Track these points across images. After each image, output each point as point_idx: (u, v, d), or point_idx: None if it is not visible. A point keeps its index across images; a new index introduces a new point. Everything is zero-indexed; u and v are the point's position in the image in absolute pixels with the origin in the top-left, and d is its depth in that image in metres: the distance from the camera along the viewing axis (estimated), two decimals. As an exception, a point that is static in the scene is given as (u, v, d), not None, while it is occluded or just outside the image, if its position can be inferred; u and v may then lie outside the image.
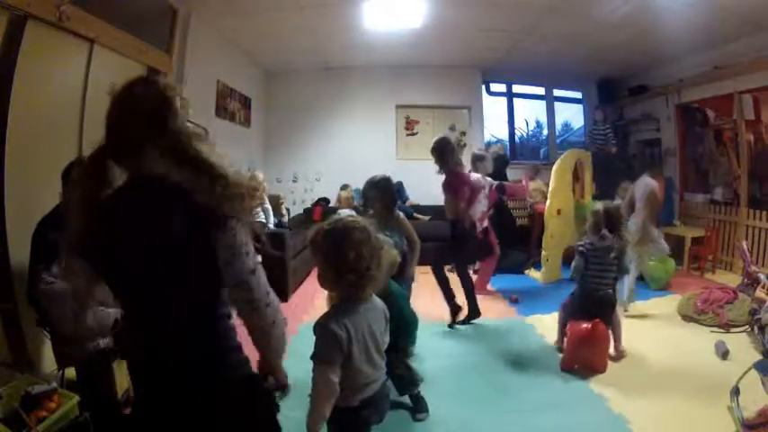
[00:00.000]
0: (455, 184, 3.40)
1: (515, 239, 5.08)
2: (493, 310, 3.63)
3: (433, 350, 2.90)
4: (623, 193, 4.52)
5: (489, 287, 4.35)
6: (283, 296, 4.02)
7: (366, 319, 1.25)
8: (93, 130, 2.96)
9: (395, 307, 1.56)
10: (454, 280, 4.78)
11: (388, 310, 1.36)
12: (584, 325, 2.51)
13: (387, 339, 1.37)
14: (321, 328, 1.20)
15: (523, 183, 5.23)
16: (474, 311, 3.37)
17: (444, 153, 3.38)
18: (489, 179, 4.33)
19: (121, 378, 2.16)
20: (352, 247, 1.19)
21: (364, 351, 1.23)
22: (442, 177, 3.72)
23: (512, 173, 5.72)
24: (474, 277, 3.85)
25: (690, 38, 4.63)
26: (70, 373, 2.08)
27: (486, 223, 4.15)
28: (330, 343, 1.17)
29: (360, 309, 1.25)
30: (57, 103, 2.72)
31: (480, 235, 4.14)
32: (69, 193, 1.03)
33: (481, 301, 3.45)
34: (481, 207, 4.09)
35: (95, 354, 1.94)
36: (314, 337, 1.21)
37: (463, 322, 3.34)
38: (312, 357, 1.19)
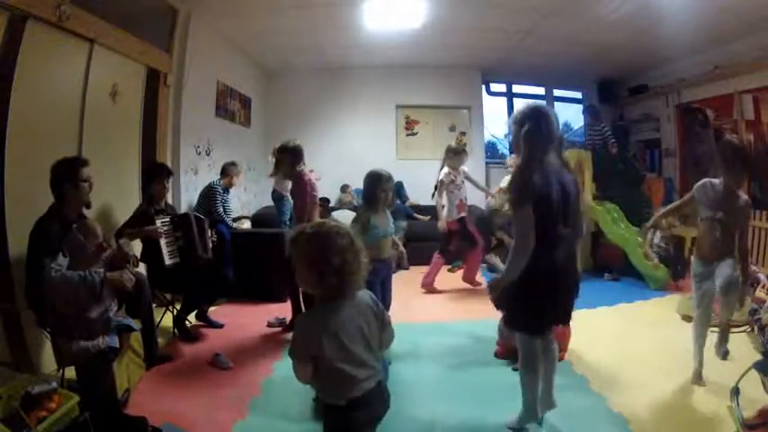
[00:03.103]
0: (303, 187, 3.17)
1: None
2: (492, 309, 3.62)
3: (434, 350, 2.90)
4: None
5: (479, 278, 4.37)
6: (283, 296, 4.02)
7: (345, 318, 1.25)
8: (93, 130, 3.01)
9: None
10: (454, 278, 4.82)
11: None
12: None
13: (385, 337, 1.37)
14: (296, 327, 1.29)
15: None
16: None
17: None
18: (465, 169, 4.38)
19: (121, 378, 2.17)
20: (337, 253, 1.21)
21: (344, 350, 1.23)
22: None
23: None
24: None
25: (690, 38, 4.63)
26: (70, 373, 2.08)
27: (463, 213, 4.19)
28: (300, 343, 1.24)
29: (341, 308, 1.26)
30: (57, 103, 2.73)
31: (455, 226, 4.19)
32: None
33: (478, 296, 3.46)
34: (459, 195, 4.14)
35: (95, 354, 1.94)
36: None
37: None
38: (289, 352, 1.27)
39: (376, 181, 2.71)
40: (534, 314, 1.81)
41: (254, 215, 5.29)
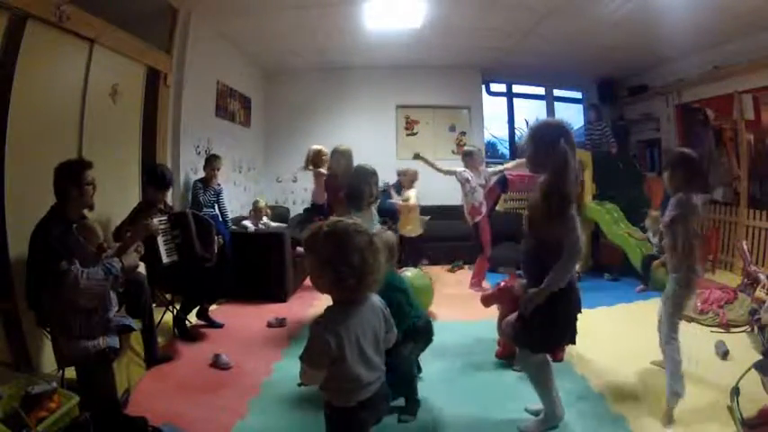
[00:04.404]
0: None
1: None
2: (492, 309, 3.62)
3: (436, 350, 2.89)
4: (654, 225, 3.94)
5: (485, 284, 4.36)
6: (283, 296, 4.03)
7: (362, 320, 1.24)
8: (93, 130, 3.01)
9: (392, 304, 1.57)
10: (454, 278, 4.82)
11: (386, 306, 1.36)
12: None
13: (391, 338, 1.36)
14: (313, 331, 1.21)
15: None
16: None
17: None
18: (487, 170, 4.35)
19: (121, 378, 2.16)
20: (356, 250, 1.17)
21: (359, 354, 1.21)
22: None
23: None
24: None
25: (690, 38, 4.63)
26: (70, 373, 2.08)
27: (478, 218, 4.17)
28: (318, 349, 1.18)
29: (356, 311, 1.24)
30: (57, 103, 2.73)
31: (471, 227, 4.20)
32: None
33: (479, 296, 3.45)
34: (471, 199, 4.11)
35: (95, 354, 1.94)
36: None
37: None
38: (300, 357, 1.21)
39: (361, 175, 2.64)
40: (567, 327, 1.85)
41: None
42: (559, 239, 1.71)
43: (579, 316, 1.91)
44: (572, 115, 7.68)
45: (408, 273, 3.40)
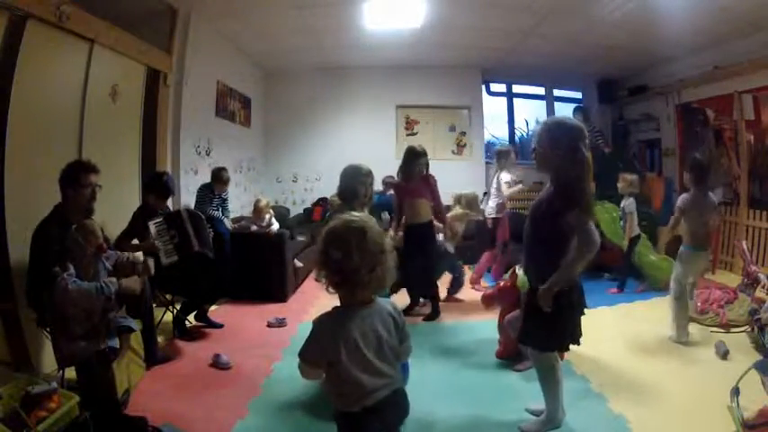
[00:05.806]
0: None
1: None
2: (493, 310, 3.62)
3: (436, 350, 2.90)
4: (628, 188, 4.30)
5: (483, 282, 4.35)
6: (283, 296, 4.03)
7: (364, 324, 1.21)
8: (93, 130, 3.01)
9: None
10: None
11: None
12: None
13: (406, 350, 1.33)
14: (312, 329, 1.22)
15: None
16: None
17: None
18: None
19: (121, 378, 2.17)
20: (339, 248, 1.16)
21: (358, 358, 1.19)
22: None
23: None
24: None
25: (690, 38, 4.64)
26: (70, 373, 2.08)
27: (501, 214, 4.20)
28: (314, 347, 1.20)
29: (358, 314, 1.21)
30: (57, 103, 2.73)
31: (488, 225, 4.21)
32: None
33: (479, 296, 3.45)
34: (503, 197, 4.17)
35: (95, 354, 1.94)
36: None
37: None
38: (299, 353, 1.23)
39: (356, 174, 2.57)
40: (569, 327, 1.86)
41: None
42: (560, 239, 1.73)
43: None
44: (572, 115, 7.70)
45: None
